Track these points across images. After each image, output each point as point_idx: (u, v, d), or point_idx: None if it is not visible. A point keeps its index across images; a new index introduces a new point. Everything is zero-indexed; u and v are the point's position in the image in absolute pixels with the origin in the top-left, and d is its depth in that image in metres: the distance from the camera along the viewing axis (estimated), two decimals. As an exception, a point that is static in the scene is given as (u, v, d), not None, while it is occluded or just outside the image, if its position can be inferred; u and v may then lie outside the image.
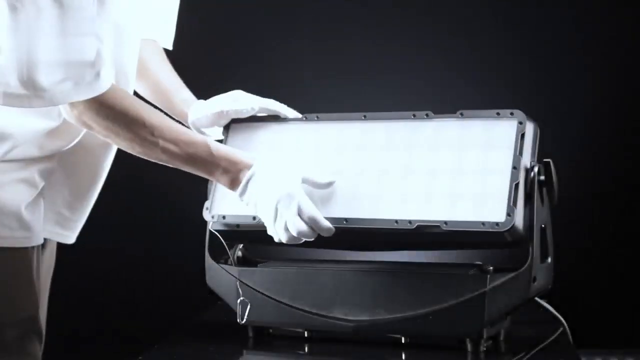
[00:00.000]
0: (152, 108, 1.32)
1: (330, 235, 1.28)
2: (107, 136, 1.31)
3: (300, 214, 1.26)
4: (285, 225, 1.27)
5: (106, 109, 1.27)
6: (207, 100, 1.47)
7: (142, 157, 1.33)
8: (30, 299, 1.42)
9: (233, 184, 1.32)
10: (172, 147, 1.29)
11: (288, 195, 1.26)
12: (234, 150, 1.33)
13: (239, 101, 1.45)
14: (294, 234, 1.26)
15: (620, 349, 2.11)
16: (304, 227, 1.26)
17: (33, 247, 1.40)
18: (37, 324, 1.44)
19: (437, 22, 2.25)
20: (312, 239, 1.28)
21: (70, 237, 1.50)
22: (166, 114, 1.43)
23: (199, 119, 1.46)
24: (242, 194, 1.31)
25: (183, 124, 1.40)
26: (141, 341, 1.50)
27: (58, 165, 1.42)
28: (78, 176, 1.45)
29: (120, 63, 1.36)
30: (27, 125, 1.33)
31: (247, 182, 1.30)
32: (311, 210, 1.27)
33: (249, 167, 1.30)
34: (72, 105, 1.27)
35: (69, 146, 1.39)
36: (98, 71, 1.25)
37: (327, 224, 1.28)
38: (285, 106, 1.46)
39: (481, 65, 2.19)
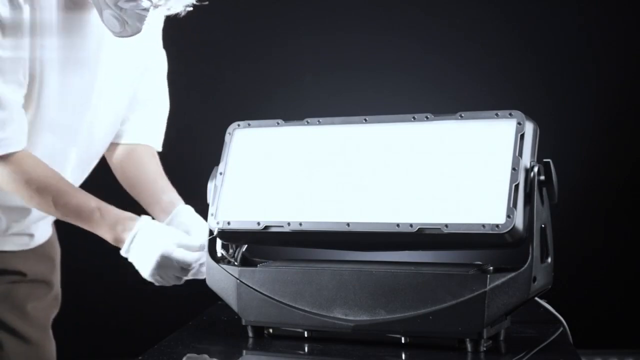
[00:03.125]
0: (53, 171, 1.50)
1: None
2: (11, 192, 1.50)
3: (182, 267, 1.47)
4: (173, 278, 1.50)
5: (9, 167, 1.47)
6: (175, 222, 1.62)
7: None
8: None
9: (117, 242, 1.51)
10: (63, 209, 1.50)
11: (163, 259, 1.47)
12: (119, 213, 1.52)
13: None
14: (180, 283, 1.52)
15: (620, 349, 2.11)
16: (184, 279, 1.51)
17: None
18: None
19: (438, 23, 2.25)
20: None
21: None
22: None
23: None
24: (125, 252, 1.51)
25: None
26: (141, 341, 1.50)
27: None
28: None
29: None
30: None
31: (129, 244, 1.49)
32: (185, 260, 1.49)
33: (130, 229, 1.49)
34: None
35: None
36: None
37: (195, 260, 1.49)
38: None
39: (480, 66, 2.19)
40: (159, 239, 1.47)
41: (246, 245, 1.49)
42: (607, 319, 2.12)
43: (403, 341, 1.33)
